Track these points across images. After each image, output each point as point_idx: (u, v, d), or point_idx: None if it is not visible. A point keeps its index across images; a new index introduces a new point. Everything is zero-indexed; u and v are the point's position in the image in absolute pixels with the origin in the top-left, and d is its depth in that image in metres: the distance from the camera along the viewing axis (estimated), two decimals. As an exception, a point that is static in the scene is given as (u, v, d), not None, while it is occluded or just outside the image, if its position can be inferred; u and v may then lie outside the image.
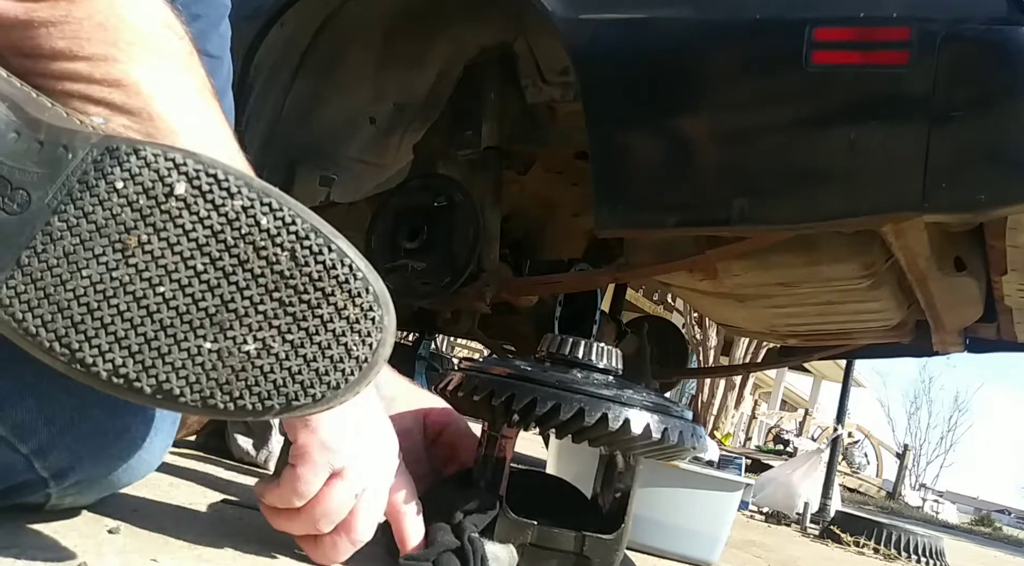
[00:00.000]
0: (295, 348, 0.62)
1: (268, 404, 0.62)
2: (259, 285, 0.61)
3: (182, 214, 0.60)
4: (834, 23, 1.66)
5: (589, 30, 1.88)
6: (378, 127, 2.46)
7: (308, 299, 0.62)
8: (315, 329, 0.62)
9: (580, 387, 0.96)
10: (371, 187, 2.49)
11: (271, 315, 0.62)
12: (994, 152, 1.57)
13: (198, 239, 0.60)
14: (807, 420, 12.45)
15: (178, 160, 0.61)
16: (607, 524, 1.04)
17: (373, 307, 0.63)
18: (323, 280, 0.62)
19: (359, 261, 0.64)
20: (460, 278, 2.19)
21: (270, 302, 0.61)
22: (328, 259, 0.62)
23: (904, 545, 2.97)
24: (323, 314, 0.62)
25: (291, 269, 0.62)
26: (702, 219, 1.81)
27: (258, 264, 0.61)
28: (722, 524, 1.75)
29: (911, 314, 2.62)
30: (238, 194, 0.61)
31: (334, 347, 0.62)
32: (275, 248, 0.61)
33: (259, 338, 0.61)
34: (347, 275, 0.62)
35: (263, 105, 2.33)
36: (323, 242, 0.62)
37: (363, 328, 0.63)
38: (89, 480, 0.83)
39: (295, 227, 0.62)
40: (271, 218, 0.62)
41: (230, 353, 0.61)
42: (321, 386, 0.62)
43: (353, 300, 0.63)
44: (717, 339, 9.44)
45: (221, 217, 0.61)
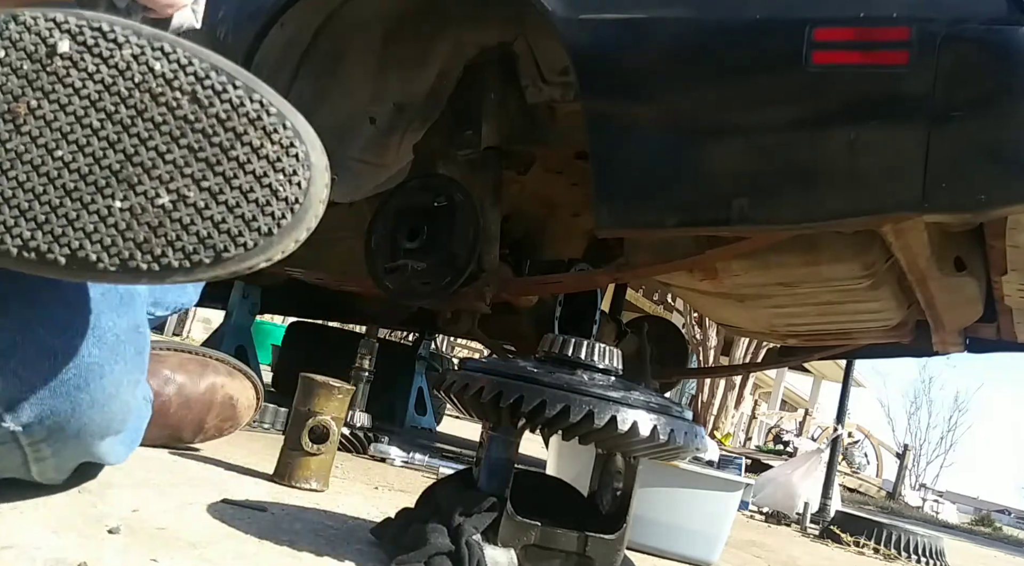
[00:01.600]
0: (214, 196, 0.58)
1: (196, 259, 0.58)
2: (163, 133, 0.58)
3: (70, 73, 0.58)
4: (834, 23, 1.66)
5: (589, 30, 1.88)
6: (378, 127, 2.45)
7: (219, 141, 0.59)
8: (232, 173, 0.59)
9: (587, 389, 0.96)
10: (371, 187, 2.49)
11: (181, 164, 0.58)
12: (994, 152, 1.56)
13: (90, 95, 0.58)
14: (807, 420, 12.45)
15: (59, 19, 0.58)
16: (608, 524, 1.04)
17: (294, 143, 0.59)
18: (232, 119, 0.59)
19: (271, 96, 0.60)
20: (460, 278, 2.19)
21: (178, 150, 0.58)
22: (234, 97, 0.59)
23: (904, 545, 2.97)
24: (238, 156, 0.59)
25: (195, 112, 0.58)
26: (702, 219, 1.81)
27: (158, 112, 0.58)
28: (722, 524, 1.75)
29: (911, 314, 2.62)
30: (127, 43, 0.58)
31: (257, 190, 0.59)
32: (174, 93, 0.58)
33: (172, 189, 0.58)
34: (258, 111, 0.59)
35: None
36: (226, 80, 0.59)
37: (286, 166, 0.59)
38: (55, 420, 0.78)
39: (193, 67, 0.58)
40: (165, 62, 0.58)
41: (144, 209, 0.58)
42: (251, 233, 0.59)
43: (269, 137, 0.59)
44: (717, 339, 9.44)
45: (111, 69, 0.58)
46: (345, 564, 1.01)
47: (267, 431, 2.26)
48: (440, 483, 1.17)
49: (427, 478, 2.07)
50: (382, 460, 2.22)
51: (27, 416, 0.76)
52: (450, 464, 2.28)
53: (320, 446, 1.50)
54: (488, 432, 1.05)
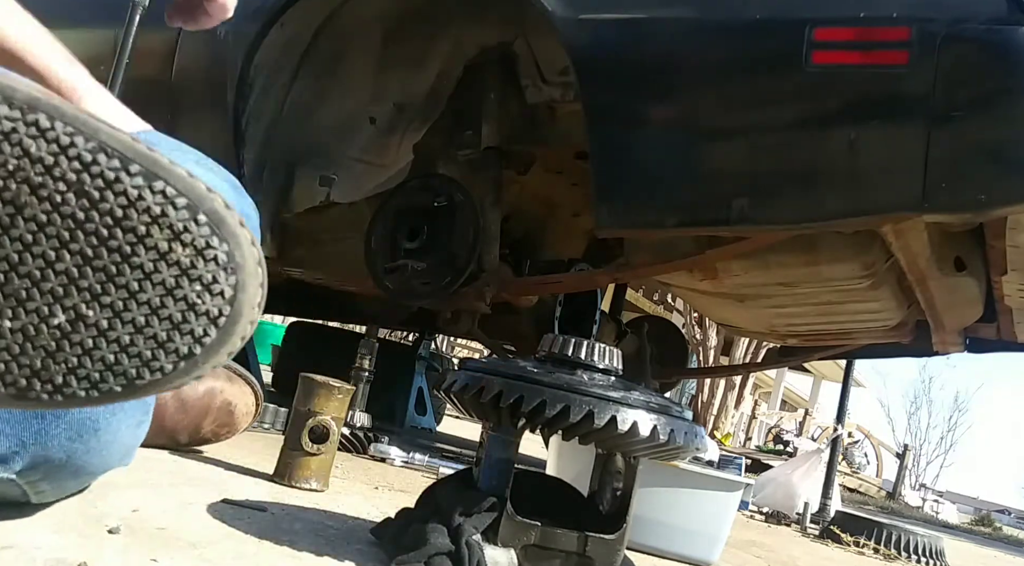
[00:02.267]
0: (117, 314, 0.47)
1: (104, 388, 0.48)
2: (49, 237, 0.46)
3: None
4: (834, 23, 1.66)
5: (589, 30, 1.88)
6: (378, 127, 2.45)
7: (117, 246, 0.46)
8: (137, 285, 0.47)
9: (587, 389, 0.96)
10: (371, 187, 2.49)
11: (74, 275, 0.46)
12: (994, 152, 1.56)
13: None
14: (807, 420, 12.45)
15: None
16: (608, 524, 1.04)
17: (210, 242, 0.47)
18: (130, 218, 0.46)
19: (178, 182, 0.46)
20: (460, 278, 2.19)
21: (69, 258, 0.46)
22: (130, 187, 0.46)
23: (904, 545, 2.97)
24: (142, 263, 0.47)
25: (84, 209, 0.46)
26: (702, 219, 1.81)
27: (41, 209, 0.45)
28: (722, 524, 1.75)
29: (911, 314, 2.62)
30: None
31: (170, 305, 0.47)
32: (56, 184, 0.45)
33: (67, 307, 0.47)
34: (162, 205, 0.46)
35: (263, 105, 2.33)
36: (119, 164, 0.46)
37: (203, 273, 0.47)
38: (50, 467, 0.77)
39: (75, 149, 0.45)
40: (42, 143, 0.45)
41: (37, 330, 0.47)
42: (167, 357, 0.48)
43: (179, 238, 0.47)
44: (717, 339, 9.44)
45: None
46: (345, 564, 1.01)
47: (267, 431, 2.26)
48: (440, 483, 1.17)
49: (427, 478, 2.07)
50: (382, 460, 2.22)
51: (20, 466, 0.75)
52: (450, 464, 2.28)
53: (320, 446, 1.50)
54: (488, 432, 1.05)
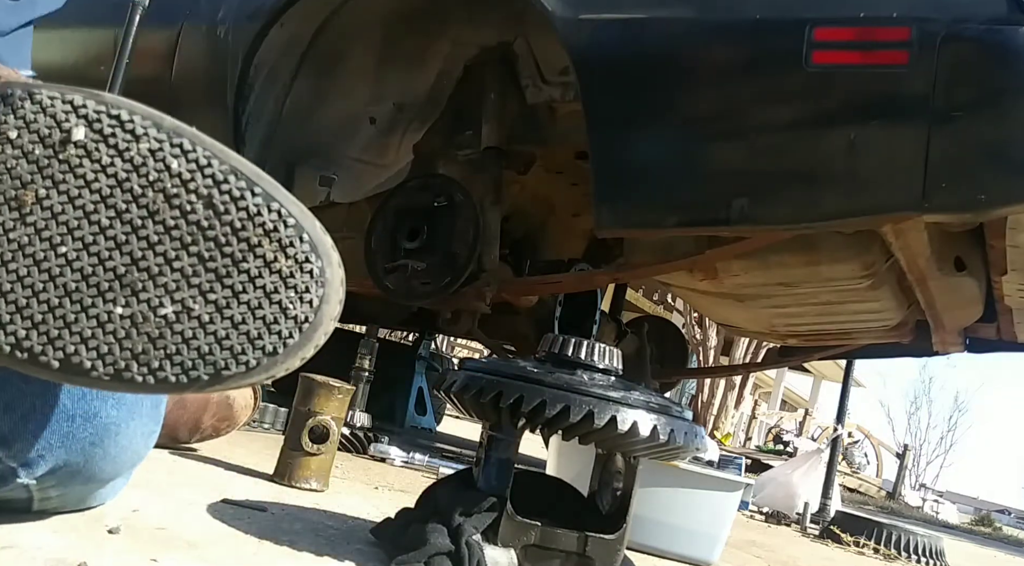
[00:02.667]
0: (219, 309, 0.54)
1: (193, 375, 0.54)
2: (173, 239, 0.54)
3: (82, 163, 0.53)
4: (834, 23, 1.66)
5: (589, 30, 1.88)
6: (378, 127, 2.45)
7: (231, 252, 0.54)
8: (242, 286, 0.54)
9: (587, 389, 0.96)
10: (371, 187, 2.49)
11: (189, 273, 0.54)
12: (994, 152, 1.56)
13: (101, 190, 0.53)
14: (807, 420, 12.44)
15: (77, 102, 0.53)
16: (608, 524, 1.04)
17: (309, 258, 0.55)
18: (247, 229, 0.54)
19: (290, 205, 0.55)
20: (460, 278, 2.19)
21: (187, 258, 0.54)
22: (252, 204, 0.54)
23: (904, 545, 2.97)
24: (249, 268, 0.54)
25: (209, 219, 0.54)
26: (702, 219, 1.81)
27: (170, 215, 0.54)
28: (722, 524, 1.75)
29: (911, 314, 2.62)
30: (144, 136, 0.53)
31: (266, 306, 0.54)
32: (189, 195, 0.54)
33: (177, 300, 0.54)
34: (275, 222, 0.54)
35: (263, 105, 2.33)
36: (245, 185, 0.54)
37: (299, 283, 0.55)
38: (68, 471, 0.80)
39: (211, 169, 0.54)
40: (183, 161, 0.54)
41: (145, 318, 0.53)
42: (255, 352, 0.54)
43: (284, 251, 0.54)
44: (717, 339, 9.43)
45: (126, 163, 0.53)
46: (345, 564, 1.01)
47: (267, 431, 2.26)
48: (440, 483, 1.17)
49: (427, 478, 2.07)
50: (382, 460, 2.22)
51: (41, 470, 0.78)
52: (450, 464, 2.28)
53: (320, 446, 1.50)
54: (488, 432, 1.05)
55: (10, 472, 0.77)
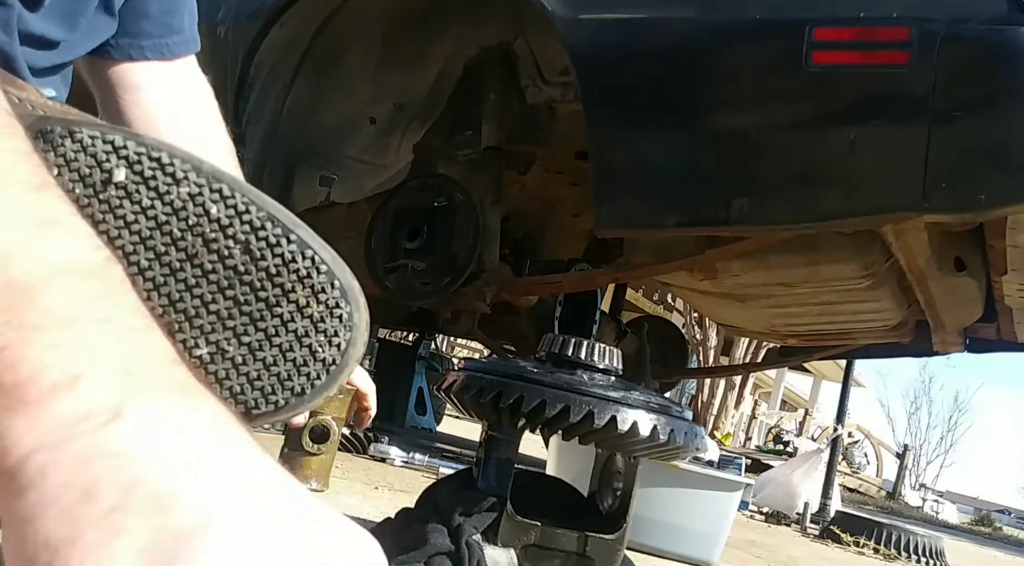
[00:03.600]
0: (252, 352, 0.56)
1: None
2: (210, 282, 0.56)
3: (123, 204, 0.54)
4: (834, 23, 1.66)
5: (589, 30, 1.88)
6: (378, 127, 2.45)
7: (265, 297, 0.56)
8: (274, 330, 0.57)
9: (587, 389, 0.96)
10: (371, 187, 2.49)
11: (224, 315, 0.56)
12: (994, 152, 1.56)
13: (141, 232, 0.55)
14: (807, 420, 12.45)
15: (117, 142, 0.55)
16: (608, 524, 1.04)
17: (340, 303, 0.57)
18: (281, 275, 0.56)
19: (323, 252, 0.57)
20: (460, 278, 2.19)
21: (223, 301, 0.56)
22: (287, 251, 0.56)
23: (904, 545, 2.97)
24: (283, 313, 0.57)
25: (245, 263, 0.56)
26: (702, 219, 1.81)
27: (208, 259, 0.56)
28: (722, 524, 1.75)
29: (911, 314, 2.62)
30: (184, 180, 0.55)
31: (296, 349, 0.57)
32: (227, 240, 0.56)
33: (212, 341, 0.56)
34: (308, 269, 0.57)
35: (263, 105, 2.33)
36: (281, 232, 0.56)
37: (329, 327, 0.57)
38: None
39: (249, 216, 0.56)
40: (222, 206, 0.56)
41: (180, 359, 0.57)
42: (284, 393, 0.57)
43: (316, 296, 0.57)
44: (717, 339, 9.44)
45: (166, 206, 0.55)
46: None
47: (267, 431, 2.26)
48: (440, 483, 1.17)
49: (427, 478, 2.07)
50: (382, 460, 2.22)
51: None
52: (450, 464, 2.28)
53: (320, 446, 1.49)
54: (488, 432, 1.05)
55: None
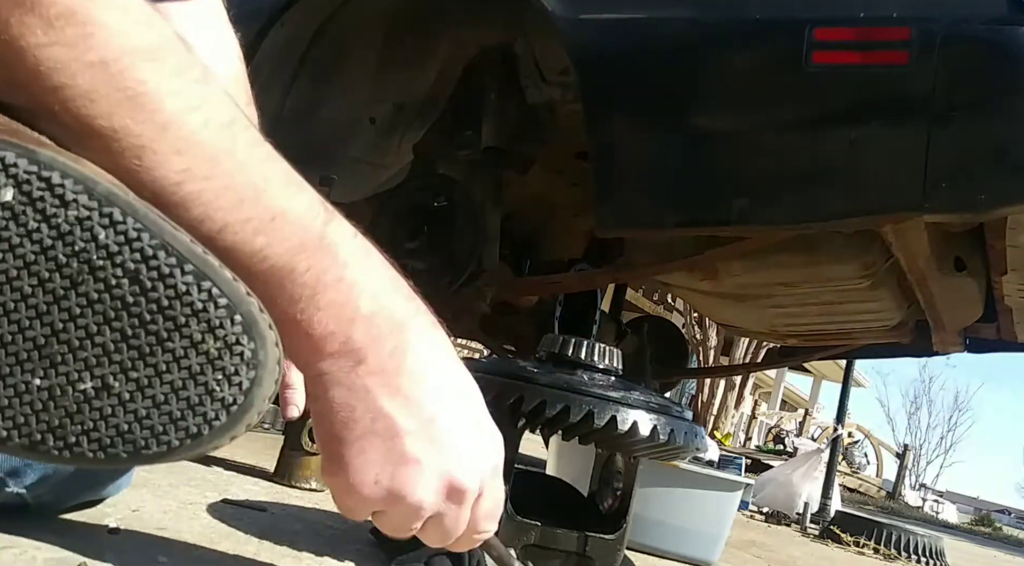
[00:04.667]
0: (140, 388, 0.53)
1: (112, 452, 0.54)
2: (96, 313, 0.52)
3: (8, 226, 0.51)
4: (834, 23, 1.66)
5: (589, 30, 1.88)
6: (378, 127, 2.45)
7: (155, 330, 0.53)
8: (165, 366, 0.53)
9: (587, 389, 0.96)
10: (371, 187, 2.49)
11: (110, 349, 0.53)
12: (994, 152, 1.56)
13: (25, 256, 0.51)
14: (807, 420, 12.45)
15: (8, 160, 0.51)
16: (608, 524, 1.04)
17: (240, 340, 0.54)
18: (173, 308, 0.53)
19: (223, 284, 0.54)
20: (460, 278, 2.19)
21: (109, 333, 0.53)
22: (180, 282, 0.53)
23: (904, 545, 2.97)
24: (175, 349, 0.53)
25: (135, 294, 0.53)
26: (702, 219, 1.81)
27: (94, 287, 0.52)
28: (722, 524, 1.75)
29: (911, 314, 2.62)
30: (73, 203, 0.52)
31: (191, 388, 0.54)
32: (115, 269, 0.52)
33: (97, 375, 0.53)
34: (205, 302, 0.53)
35: (263, 105, 2.32)
36: (175, 262, 0.53)
37: (228, 365, 0.54)
38: (58, 478, 0.80)
39: (140, 243, 0.52)
40: (111, 232, 0.52)
41: (63, 392, 0.53)
42: (176, 433, 0.54)
43: (213, 332, 0.54)
44: (717, 339, 9.43)
45: (52, 230, 0.52)
46: (345, 564, 1.01)
47: (267, 431, 2.26)
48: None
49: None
50: (382, 460, 2.21)
51: (30, 479, 0.78)
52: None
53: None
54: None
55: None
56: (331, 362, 0.60)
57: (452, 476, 0.63)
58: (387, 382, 0.61)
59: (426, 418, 0.62)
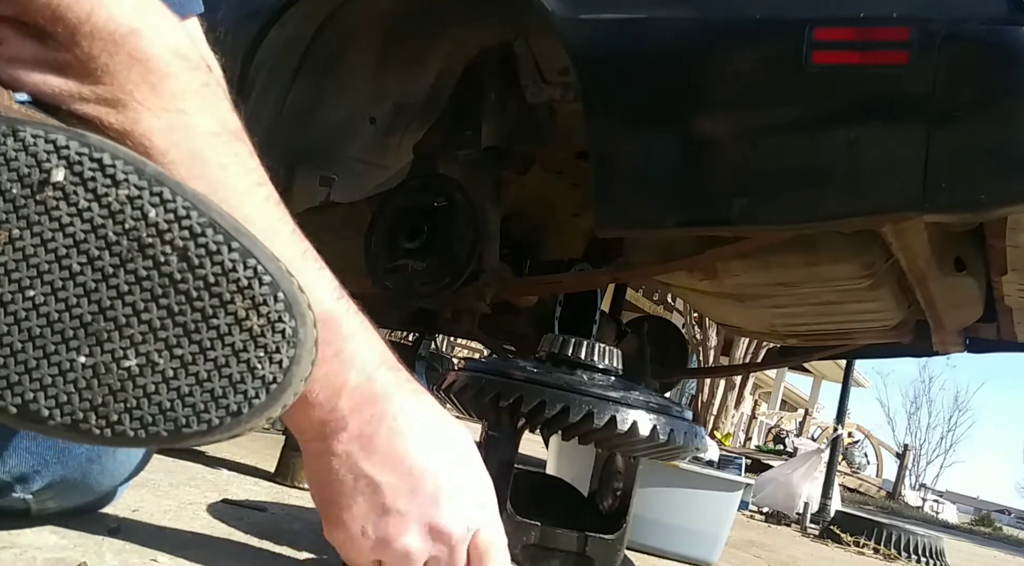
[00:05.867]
0: (184, 365, 0.53)
1: (152, 431, 0.53)
2: (143, 290, 0.53)
3: (59, 205, 0.52)
4: (834, 23, 1.66)
5: (589, 30, 1.88)
6: (378, 127, 2.45)
7: (201, 307, 0.53)
8: (210, 343, 0.53)
9: (587, 389, 0.96)
10: (371, 187, 2.49)
11: (156, 325, 0.53)
12: (994, 152, 1.56)
13: (75, 235, 0.52)
14: (807, 420, 12.45)
15: (60, 142, 0.52)
16: (608, 524, 1.04)
17: (282, 317, 0.54)
18: (220, 285, 0.53)
19: (267, 262, 0.54)
20: (460, 278, 2.19)
21: (156, 310, 0.53)
22: (227, 259, 0.53)
23: (904, 545, 2.97)
24: (219, 325, 0.53)
25: (182, 271, 0.53)
26: (702, 219, 1.81)
27: (143, 265, 0.53)
28: (722, 524, 1.75)
29: (911, 314, 2.62)
30: (124, 182, 0.53)
31: (233, 365, 0.54)
32: (164, 246, 0.53)
33: (142, 352, 0.53)
34: (250, 279, 0.54)
35: (263, 105, 2.33)
36: (222, 239, 0.53)
37: (270, 342, 0.54)
38: (65, 485, 0.80)
39: (188, 221, 0.53)
40: (161, 210, 0.53)
41: (107, 370, 0.53)
42: (217, 411, 0.54)
43: (257, 309, 0.54)
44: (717, 339, 9.43)
45: (103, 209, 0.52)
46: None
47: (267, 431, 2.26)
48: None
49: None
50: (382, 460, 2.21)
51: (37, 485, 0.78)
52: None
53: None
54: (488, 432, 1.04)
55: (5, 487, 0.78)
56: (317, 430, 0.65)
57: (433, 521, 0.67)
58: (365, 446, 0.65)
59: (404, 471, 0.66)
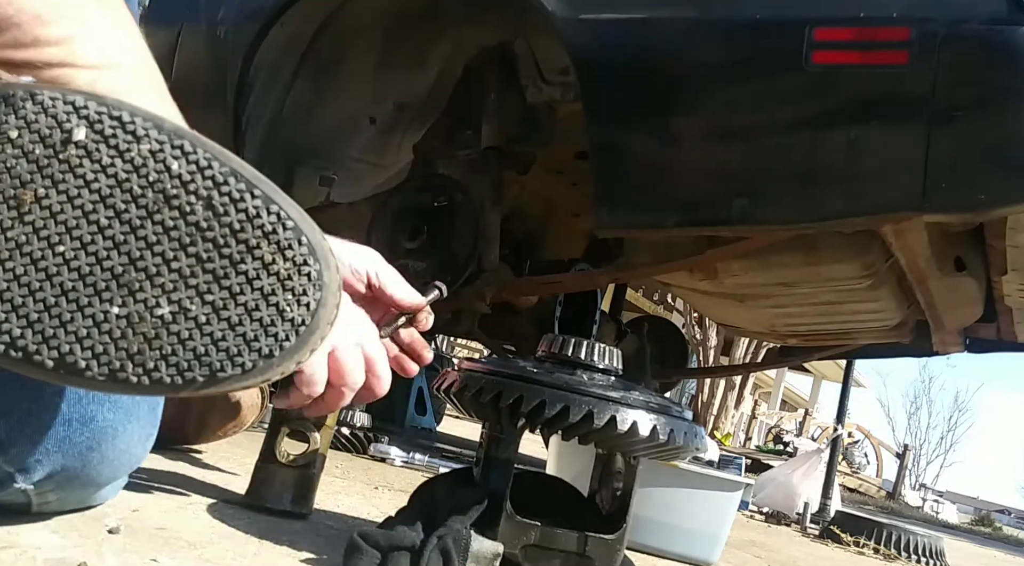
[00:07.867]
0: (216, 311, 0.54)
1: (189, 376, 0.54)
2: (171, 239, 0.54)
3: (83, 163, 0.53)
4: (834, 23, 1.66)
5: (589, 30, 1.88)
6: (378, 127, 2.45)
7: (229, 254, 0.54)
8: (239, 288, 0.54)
9: (587, 389, 0.96)
10: (371, 187, 2.49)
11: (187, 273, 0.54)
12: (994, 152, 1.57)
13: (100, 190, 0.54)
14: (807, 420, 12.44)
15: (78, 103, 0.54)
16: (608, 524, 1.04)
17: (308, 260, 0.55)
18: (246, 231, 0.54)
19: (290, 208, 0.55)
20: (460, 278, 2.19)
21: (185, 258, 0.54)
22: (251, 206, 0.54)
23: (904, 545, 2.97)
24: (247, 270, 0.54)
25: (208, 220, 0.54)
26: (702, 219, 1.81)
27: (169, 215, 0.54)
28: (722, 524, 1.75)
29: (911, 314, 2.62)
30: (145, 137, 0.54)
31: (263, 308, 0.55)
32: (188, 196, 0.54)
33: (174, 300, 0.54)
34: (274, 224, 0.55)
35: (263, 105, 2.33)
36: (244, 187, 0.54)
37: (297, 285, 0.55)
38: (65, 475, 0.80)
39: (211, 171, 0.54)
40: (183, 162, 0.54)
41: (141, 318, 0.54)
42: (251, 354, 0.55)
43: (283, 253, 0.55)
44: (717, 339, 9.43)
45: (126, 164, 0.54)
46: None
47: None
48: (435, 479, 1.16)
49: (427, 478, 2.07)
50: (382, 460, 2.22)
51: (38, 475, 0.79)
52: (450, 464, 2.28)
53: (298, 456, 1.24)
54: (488, 432, 1.04)
55: (7, 477, 0.78)
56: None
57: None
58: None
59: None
